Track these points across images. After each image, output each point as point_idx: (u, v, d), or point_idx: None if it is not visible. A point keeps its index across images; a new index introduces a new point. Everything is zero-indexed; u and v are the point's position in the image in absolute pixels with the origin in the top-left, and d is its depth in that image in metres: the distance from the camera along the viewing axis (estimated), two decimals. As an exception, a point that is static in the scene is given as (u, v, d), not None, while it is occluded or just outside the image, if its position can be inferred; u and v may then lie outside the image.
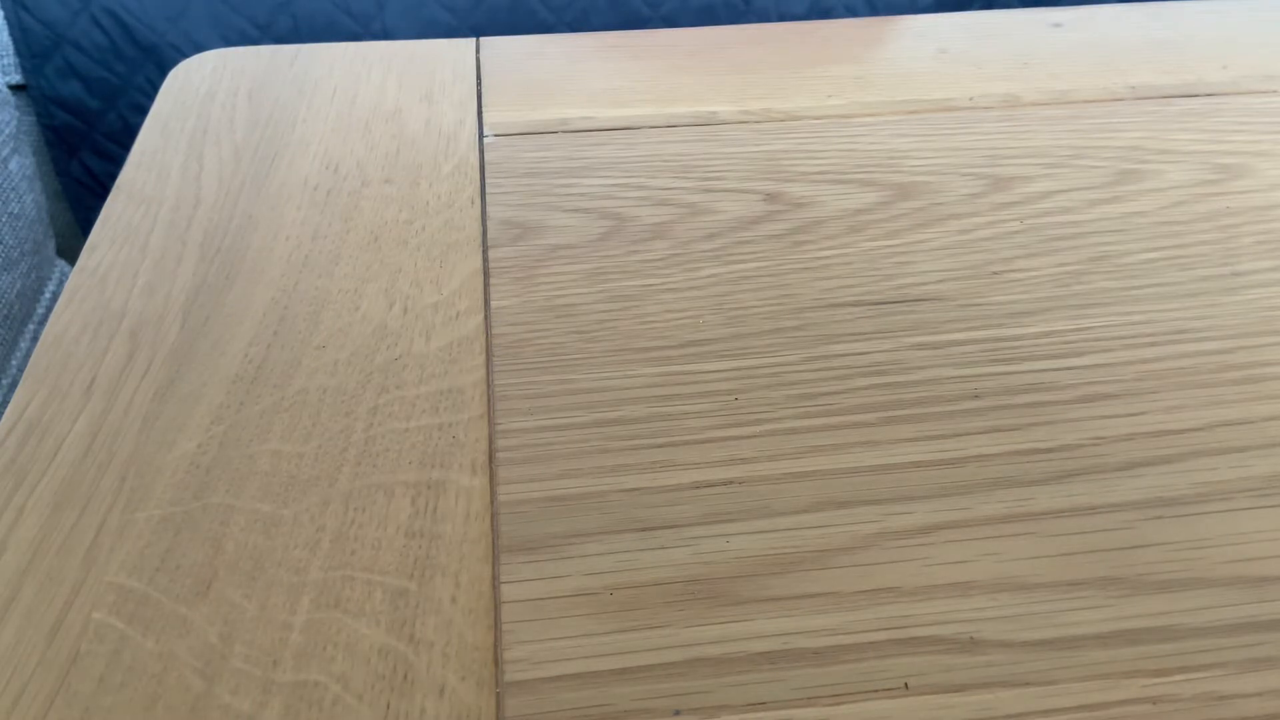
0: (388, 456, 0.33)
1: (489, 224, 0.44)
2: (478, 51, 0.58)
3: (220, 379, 0.36)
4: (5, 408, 0.35)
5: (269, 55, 0.57)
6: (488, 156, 0.48)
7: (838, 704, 0.26)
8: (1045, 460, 0.33)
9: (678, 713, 0.26)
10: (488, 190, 0.46)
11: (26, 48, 0.87)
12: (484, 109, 0.52)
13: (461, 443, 0.33)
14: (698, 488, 0.32)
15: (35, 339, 0.76)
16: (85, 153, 0.92)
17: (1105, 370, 0.36)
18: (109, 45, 0.88)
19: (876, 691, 0.27)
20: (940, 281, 0.40)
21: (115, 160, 0.92)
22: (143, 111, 0.90)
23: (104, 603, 0.29)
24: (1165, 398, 0.35)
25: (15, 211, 0.75)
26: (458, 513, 0.31)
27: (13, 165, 0.75)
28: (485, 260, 0.42)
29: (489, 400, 0.35)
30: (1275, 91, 0.53)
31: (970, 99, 0.53)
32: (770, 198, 0.45)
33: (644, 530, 0.31)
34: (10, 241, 0.73)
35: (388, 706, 0.26)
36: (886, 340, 0.38)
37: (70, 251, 0.94)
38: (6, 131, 0.76)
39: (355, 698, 0.26)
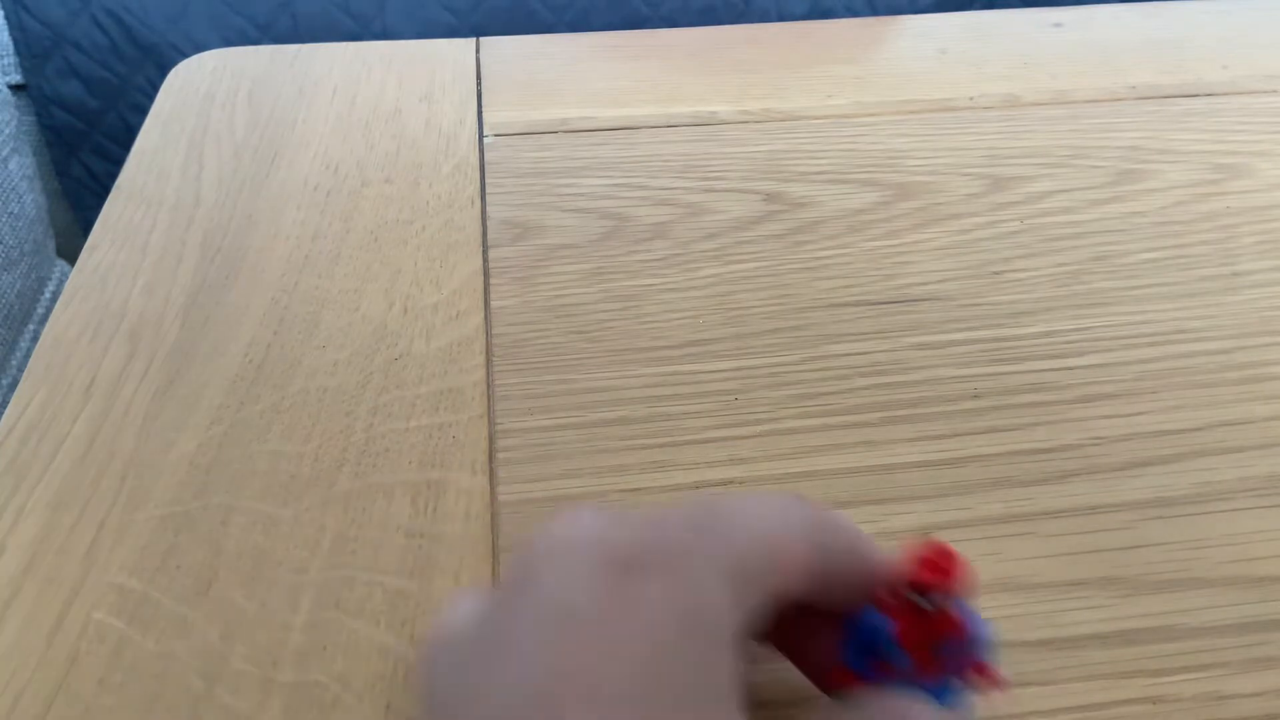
0: (388, 456, 0.33)
1: (489, 224, 0.44)
2: (478, 51, 0.58)
3: (220, 379, 0.36)
4: (5, 408, 0.35)
5: (269, 55, 0.57)
6: (488, 156, 0.48)
7: (838, 704, 0.26)
8: (1045, 460, 0.33)
9: (678, 713, 0.26)
10: (488, 190, 0.46)
11: (26, 48, 0.87)
12: (484, 109, 0.52)
13: (461, 443, 0.33)
14: (698, 488, 0.32)
15: (35, 339, 0.76)
16: (85, 153, 0.92)
17: (1105, 370, 0.36)
18: (109, 45, 0.88)
19: (876, 691, 0.26)
20: (940, 281, 0.40)
21: (115, 160, 0.92)
22: (143, 111, 0.90)
23: (104, 603, 0.29)
24: (1165, 398, 0.35)
25: (15, 211, 0.75)
26: (458, 513, 0.31)
27: (13, 165, 0.75)
28: (485, 260, 0.42)
29: (489, 400, 0.35)
30: (1275, 91, 0.53)
31: (970, 99, 0.53)
32: (770, 198, 0.45)
33: (644, 530, 0.31)
34: (10, 241, 0.73)
35: (388, 706, 0.26)
36: (886, 340, 0.38)
37: (70, 251, 0.94)
38: (6, 131, 0.76)
39: (355, 698, 0.26)
